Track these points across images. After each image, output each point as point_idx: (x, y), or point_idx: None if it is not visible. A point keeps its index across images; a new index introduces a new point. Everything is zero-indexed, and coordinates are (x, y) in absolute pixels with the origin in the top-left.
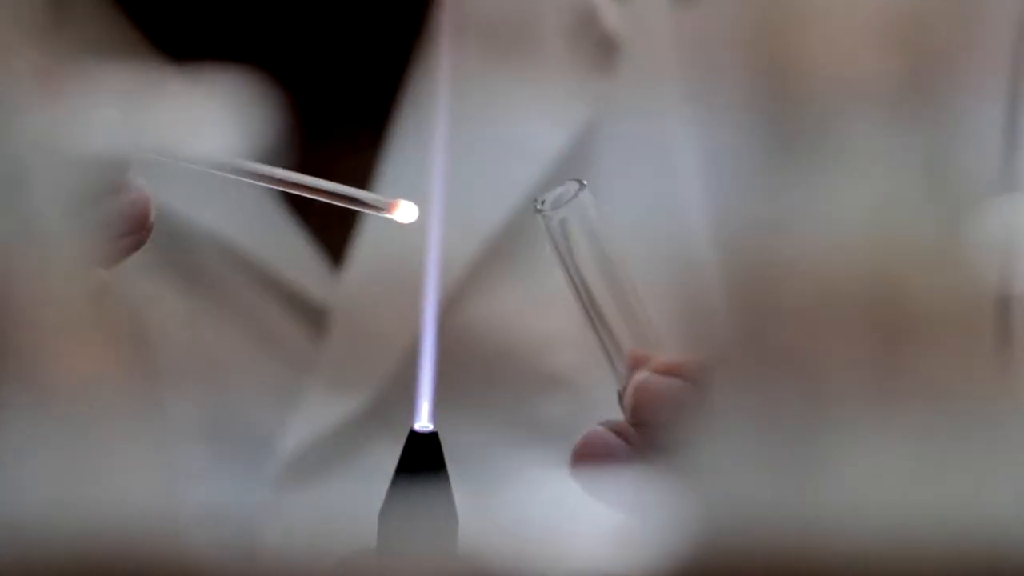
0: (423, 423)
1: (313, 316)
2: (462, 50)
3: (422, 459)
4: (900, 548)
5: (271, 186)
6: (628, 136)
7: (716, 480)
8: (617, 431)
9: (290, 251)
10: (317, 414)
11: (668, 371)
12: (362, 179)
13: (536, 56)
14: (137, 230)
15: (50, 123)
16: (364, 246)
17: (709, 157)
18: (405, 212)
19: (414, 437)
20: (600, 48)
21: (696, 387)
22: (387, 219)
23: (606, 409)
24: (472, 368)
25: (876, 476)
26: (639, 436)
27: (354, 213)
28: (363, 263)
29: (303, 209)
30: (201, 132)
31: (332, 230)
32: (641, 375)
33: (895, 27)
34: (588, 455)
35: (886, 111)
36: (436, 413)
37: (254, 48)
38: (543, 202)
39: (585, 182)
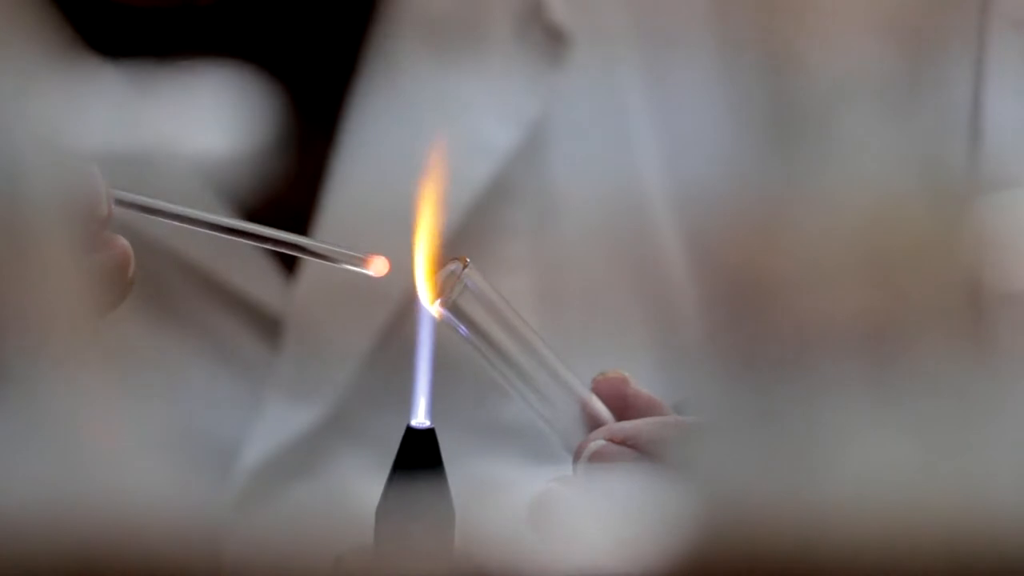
0: (420, 419)
1: (268, 326)
2: (410, 47)
3: (419, 455)
4: (898, 539)
5: (248, 241)
6: (583, 128)
7: (714, 477)
8: (569, 485)
9: (243, 261)
10: (277, 424)
11: (624, 440)
12: (314, 178)
13: (484, 51)
14: (117, 285)
15: (47, 121)
16: None
17: (672, 144)
18: (378, 266)
19: (411, 433)
20: (549, 40)
21: (650, 457)
22: (340, 228)
23: None
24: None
25: (873, 468)
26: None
27: (304, 222)
28: (316, 273)
29: (255, 219)
30: (184, 131)
31: None
32: (596, 443)
33: (888, 16)
34: (544, 511)
35: (880, 101)
36: (398, 419)
37: (207, 48)
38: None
39: (468, 259)
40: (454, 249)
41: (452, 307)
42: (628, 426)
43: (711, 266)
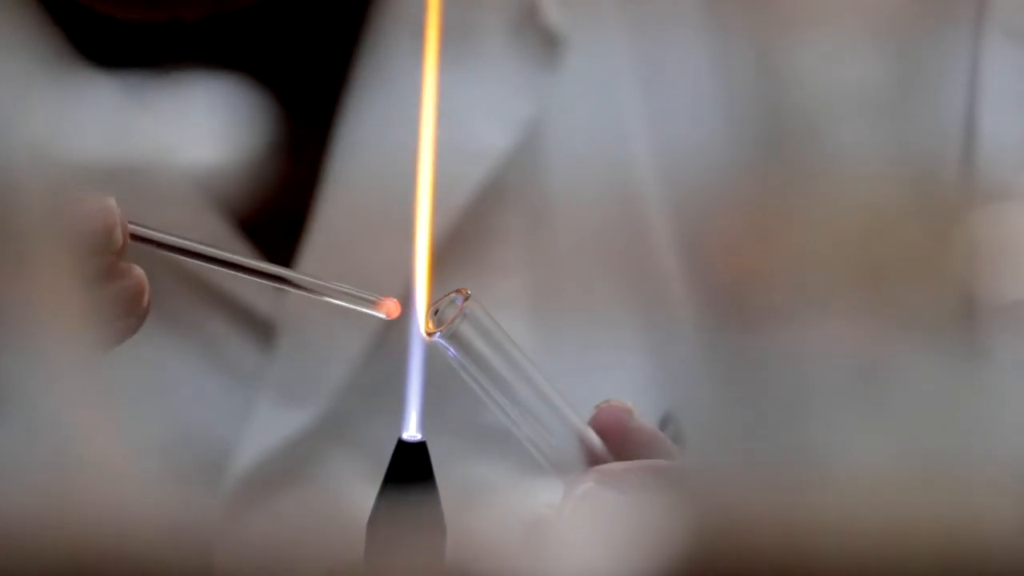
0: (411, 432)
1: (261, 330)
2: (403, 50)
3: (410, 468)
4: (889, 550)
5: (259, 280)
6: (578, 131)
7: (704, 494)
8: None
9: None
10: (269, 428)
11: (613, 483)
12: (308, 183)
13: (479, 54)
14: (132, 314)
15: (42, 131)
16: (309, 259)
17: (666, 148)
18: (390, 308)
19: (402, 447)
20: (543, 43)
21: (639, 498)
22: (335, 233)
23: None
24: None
25: (864, 478)
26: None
27: (298, 228)
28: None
29: (249, 226)
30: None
31: (277, 243)
32: (585, 485)
33: (882, 24)
34: (536, 537)
35: (873, 109)
36: (390, 423)
37: (201, 58)
38: (434, 313)
39: (470, 291)
40: (449, 252)
41: (450, 337)
42: (620, 471)
43: (705, 271)
